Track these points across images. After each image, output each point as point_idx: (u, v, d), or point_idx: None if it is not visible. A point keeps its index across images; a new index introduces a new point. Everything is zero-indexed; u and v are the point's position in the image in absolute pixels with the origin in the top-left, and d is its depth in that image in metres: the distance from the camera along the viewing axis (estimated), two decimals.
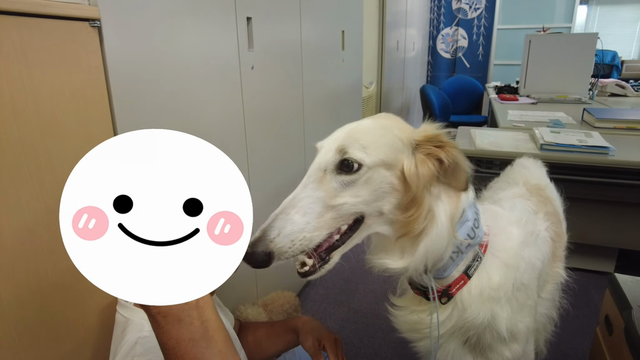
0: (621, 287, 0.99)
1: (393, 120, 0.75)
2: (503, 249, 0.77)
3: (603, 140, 1.91)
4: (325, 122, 2.21)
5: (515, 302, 0.76)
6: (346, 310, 2.06)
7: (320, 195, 0.65)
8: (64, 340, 0.86)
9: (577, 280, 2.20)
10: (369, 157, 0.66)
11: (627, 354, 0.88)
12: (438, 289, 0.74)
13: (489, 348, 0.76)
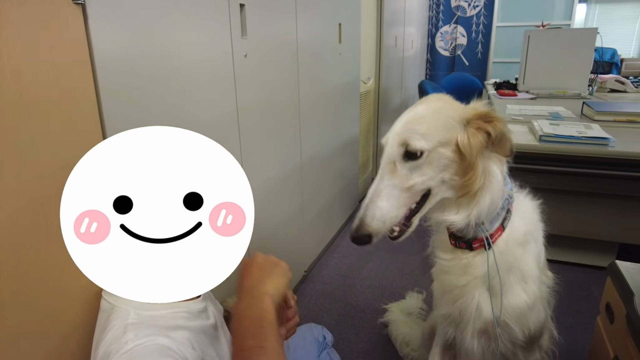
0: (623, 274, 0.96)
1: (446, 102, 0.85)
2: (522, 209, 0.95)
3: (603, 132, 1.88)
4: (320, 115, 2.19)
5: (531, 250, 0.93)
6: (343, 306, 2.03)
7: (395, 183, 0.80)
8: (49, 335, 0.83)
9: (577, 275, 2.20)
10: (428, 142, 0.78)
11: (629, 341, 0.85)
12: (481, 238, 0.89)
13: (510, 290, 0.91)
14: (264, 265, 0.83)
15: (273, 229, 1.79)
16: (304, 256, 2.18)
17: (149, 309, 0.77)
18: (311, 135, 2.08)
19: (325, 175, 2.32)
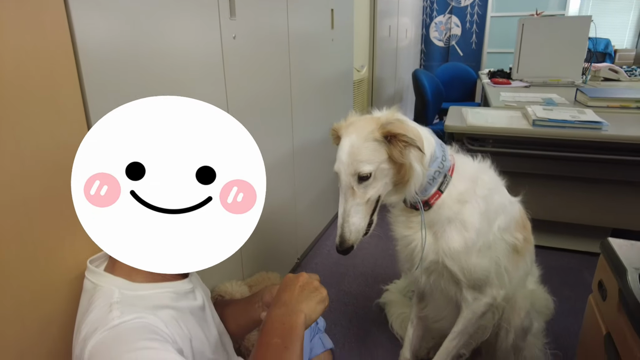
0: (615, 251, 0.95)
1: (364, 124, 1.03)
2: (465, 170, 1.13)
3: (596, 116, 1.87)
4: (313, 102, 2.16)
5: (475, 206, 1.10)
6: (335, 292, 2.02)
7: (358, 201, 1.02)
8: (30, 319, 0.80)
9: (570, 261, 2.19)
10: (372, 165, 1.00)
11: (621, 317, 0.84)
12: (423, 200, 1.10)
13: (448, 236, 1.11)
14: (306, 287, 0.84)
15: (266, 216, 1.75)
16: (296, 244, 2.17)
17: (134, 289, 0.75)
18: (303, 123, 2.05)
19: (318, 163, 2.30)
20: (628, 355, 0.80)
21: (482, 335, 1.31)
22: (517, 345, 1.36)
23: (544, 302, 1.44)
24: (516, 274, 1.25)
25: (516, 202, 1.25)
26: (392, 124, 0.99)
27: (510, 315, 1.33)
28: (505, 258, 1.21)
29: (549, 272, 1.47)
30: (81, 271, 0.80)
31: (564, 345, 1.64)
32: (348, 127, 1.05)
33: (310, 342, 1.46)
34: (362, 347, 1.70)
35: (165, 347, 0.65)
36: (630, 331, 0.79)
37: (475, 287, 1.16)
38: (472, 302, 1.18)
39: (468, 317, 1.20)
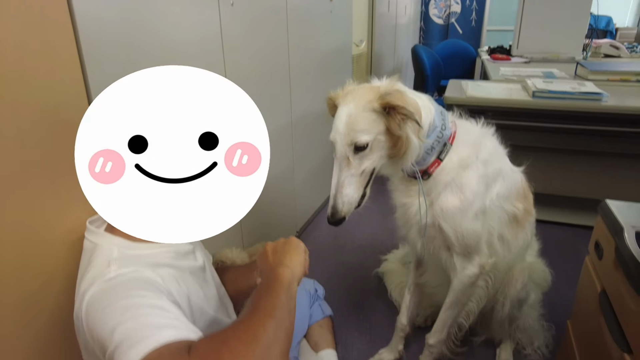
0: (613, 211, 0.96)
1: (363, 93, 1.00)
2: (467, 136, 1.11)
3: (596, 88, 1.87)
4: (311, 75, 2.14)
5: (474, 171, 1.09)
6: (334, 264, 2.04)
7: (352, 172, 1.00)
8: (32, 277, 0.81)
9: (564, 234, 2.22)
10: (369, 135, 0.98)
11: (617, 274, 0.85)
12: (421, 170, 1.09)
13: (444, 198, 1.10)
14: (276, 248, 0.83)
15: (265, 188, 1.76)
16: (296, 217, 2.18)
17: (133, 248, 0.75)
18: (302, 96, 2.04)
19: (316, 137, 2.29)
20: (623, 309, 0.81)
21: (478, 304, 1.32)
22: (513, 315, 1.39)
23: (542, 275, 1.46)
24: (515, 244, 1.26)
25: (518, 172, 1.24)
26: (392, 95, 0.97)
27: (507, 286, 1.34)
28: (505, 227, 1.21)
29: (544, 244, 1.49)
30: (81, 233, 0.81)
31: (557, 315, 1.66)
32: (346, 95, 1.03)
33: (310, 309, 1.48)
34: (360, 314, 1.73)
35: (159, 296, 0.66)
36: (625, 286, 0.81)
37: (465, 255, 1.16)
38: (460, 272, 1.18)
39: (458, 287, 1.21)
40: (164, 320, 0.59)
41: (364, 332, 1.64)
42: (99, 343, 0.60)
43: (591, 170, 2.07)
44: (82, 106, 0.86)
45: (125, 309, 0.60)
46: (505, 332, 1.47)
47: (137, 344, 0.54)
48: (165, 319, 0.60)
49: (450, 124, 1.10)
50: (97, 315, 0.62)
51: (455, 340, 1.37)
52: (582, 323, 1.04)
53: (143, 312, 0.60)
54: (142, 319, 0.58)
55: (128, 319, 0.58)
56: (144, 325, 0.57)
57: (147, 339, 0.54)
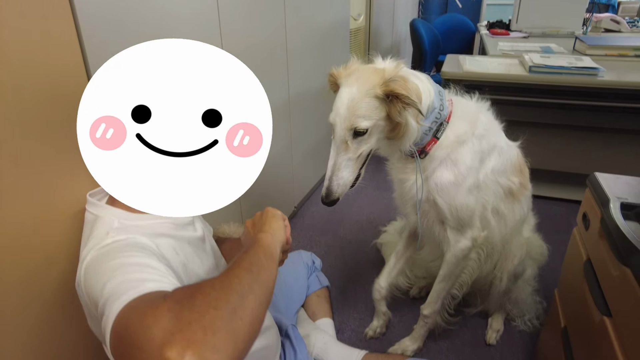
0: (601, 183, 0.98)
1: (367, 76, 1.00)
2: (463, 112, 1.13)
3: (593, 63, 1.87)
4: (309, 52, 2.13)
5: (469, 147, 1.11)
6: (331, 238, 2.08)
7: (349, 156, 1.02)
8: (37, 250, 0.83)
9: (558, 209, 2.25)
10: (370, 121, 0.99)
11: (602, 244, 0.89)
12: (419, 149, 1.11)
13: (439, 173, 1.12)
14: (255, 221, 0.84)
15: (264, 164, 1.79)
16: (294, 192, 2.21)
17: (134, 219, 0.77)
18: (299, 72, 2.03)
19: (314, 113, 2.30)
20: (605, 275, 0.85)
21: (471, 276, 1.36)
22: (508, 288, 1.43)
23: (539, 250, 1.49)
24: (512, 218, 1.28)
25: (514, 146, 1.25)
26: (396, 83, 0.96)
27: (505, 261, 1.38)
28: (500, 201, 1.23)
29: (538, 218, 1.52)
30: (83, 206, 0.82)
31: (548, 285, 1.72)
32: (349, 76, 1.02)
33: (307, 280, 1.53)
34: (357, 284, 1.78)
35: (149, 256, 0.67)
36: (608, 254, 0.84)
37: (458, 228, 1.19)
38: (454, 245, 1.21)
39: (451, 260, 1.24)
40: (149, 276, 0.60)
41: (360, 301, 1.69)
42: (93, 303, 0.61)
43: (586, 145, 2.10)
44: (81, 80, 0.87)
45: (115, 268, 0.62)
46: (499, 304, 1.52)
47: (122, 295, 0.55)
48: (151, 275, 0.61)
49: (447, 102, 1.11)
50: (92, 278, 0.64)
51: (448, 310, 1.42)
52: (567, 291, 1.08)
53: (131, 269, 0.61)
54: (129, 275, 0.60)
55: (117, 275, 0.60)
56: (129, 280, 0.58)
57: (131, 290, 0.56)
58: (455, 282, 1.34)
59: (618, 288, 0.78)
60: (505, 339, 1.52)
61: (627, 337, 0.72)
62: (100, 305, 0.58)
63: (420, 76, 1.06)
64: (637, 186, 0.97)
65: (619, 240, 0.79)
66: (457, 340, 1.52)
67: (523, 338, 1.52)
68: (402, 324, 1.58)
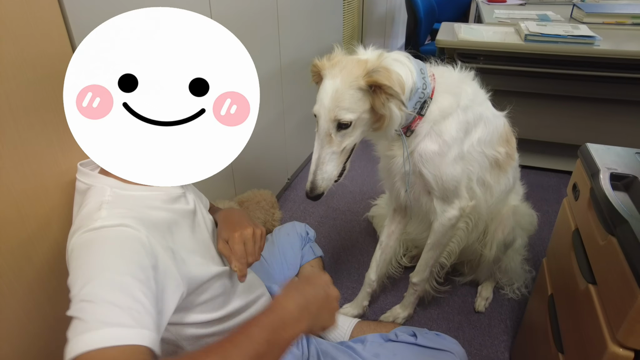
0: (592, 154, 0.99)
1: (351, 69, 0.98)
2: (447, 85, 1.10)
3: (590, 31, 1.84)
4: (300, 19, 2.07)
5: (454, 119, 1.10)
6: (325, 209, 2.09)
7: (334, 149, 1.02)
8: (29, 220, 0.82)
9: (549, 180, 2.27)
10: (354, 113, 0.99)
11: (590, 214, 0.90)
12: (404, 129, 1.11)
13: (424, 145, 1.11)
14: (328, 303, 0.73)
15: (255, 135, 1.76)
16: (287, 164, 2.20)
17: (126, 189, 0.76)
18: (291, 40, 1.98)
19: (307, 83, 2.25)
20: (592, 245, 0.86)
21: (459, 245, 1.38)
22: (498, 257, 1.45)
23: (529, 219, 1.50)
24: (498, 188, 1.29)
25: (501, 116, 1.24)
26: (379, 73, 0.95)
27: (495, 231, 1.39)
28: (486, 172, 1.23)
29: (529, 190, 1.53)
30: (74, 176, 0.81)
31: (537, 254, 1.76)
32: (333, 67, 1.00)
33: (301, 251, 1.54)
34: (350, 254, 1.81)
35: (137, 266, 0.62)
36: (596, 224, 0.85)
37: (444, 199, 1.20)
38: (441, 215, 1.22)
39: (438, 229, 1.25)
40: (125, 317, 0.55)
41: (353, 270, 1.72)
42: (70, 286, 0.59)
43: (579, 116, 2.09)
44: (66, 52, 0.84)
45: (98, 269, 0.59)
46: (489, 273, 1.54)
47: (88, 331, 0.52)
48: (127, 315, 0.55)
49: (429, 78, 1.09)
50: (74, 263, 0.62)
51: (438, 278, 1.45)
52: (555, 260, 1.10)
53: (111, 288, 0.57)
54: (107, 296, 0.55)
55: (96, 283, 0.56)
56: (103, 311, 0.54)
57: (101, 329, 0.52)
58: (443, 251, 1.36)
59: (604, 257, 0.79)
60: (494, 306, 1.57)
61: (611, 304, 0.74)
62: (72, 303, 0.55)
63: (402, 59, 1.04)
64: (628, 157, 0.97)
65: (607, 209, 0.80)
66: (447, 307, 1.56)
67: (511, 306, 1.57)
68: (394, 292, 1.62)
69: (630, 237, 0.70)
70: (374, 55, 1.04)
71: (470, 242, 1.41)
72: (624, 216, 0.75)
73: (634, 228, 0.71)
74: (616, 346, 0.68)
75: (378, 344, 1.11)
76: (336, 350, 1.08)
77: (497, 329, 1.47)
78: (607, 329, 0.72)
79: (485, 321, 1.51)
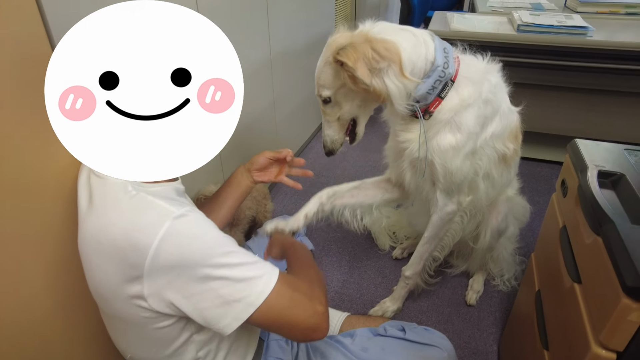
0: (580, 150, 0.98)
1: (329, 45, 1.02)
2: (471, 73, 1.08)
3: (583, 22, 1.82)
4: (291, 6, 2.03)
5: (472, 111, 1.08)
6: None
7: (328, 119, 1.14)
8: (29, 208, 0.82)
9: (541, 170, 2.28)
10: (329, 90, 1.07)
11: (577, 211, 0.89)
12: (422, 109, 1.08)
13: (441, 136, 1.10)
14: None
15: (244, 126, 1.75)
16: None
17: (143, 185, 0.77)
18: (281, 28, 1.95)
19: (297, 73, 2.23)
20: (578, 243, 0.86)
21: (453, 238, 1.39)
22: (491, 244, 1.46)
23: (522, 210, 1.50)
24: (500, 181, 1.29)
25: (515, 112, 1.23)
26: (344, 51, 0.96)
27: (489, 218, 1.39)
28: (493, 165, 1.22)
29: (521, 179, 1.53)
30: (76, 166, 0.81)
31: (529, 244, 1.77)
32: (326, 44, 1.04)
33: None
34: (340, 247, 1.81)
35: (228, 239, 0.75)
36: (582, 222, 0.85)
37: (447, 192, 1.19)
38: (441, 208, 1.22)
39: (437, 222, 1.25)
40: (260, 262, 0.76)
41: (344, 263, 1.73)
42: (185, 265, 0.68)
43: (571, 107, 2.08)
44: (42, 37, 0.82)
45: (224, 240, 0.73)
46: (481, 262, 1.55)
47: (261, 277, 0.72)
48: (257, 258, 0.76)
49: (454, 60, 1.06)
50: (189, 243, 0.69)
51: (429, 271, 1.45)
52: (543, 255, 1.11)
53: (241, 251, 0.74)
54: (249, 257, 0.74)
55: (233, 249, 0.73)
56: (256, 262, 0.74)
57: (266, 275, 0.73)
58: (438, 245, 1.36)
59: (590, 256, 0.79)
60: (484, 298, 1.58)
61: (594, 304, 0.74)
62: (212, 264, 0.69)
63: (414, 31, 1.02)
64: (617, 153, 0.96)
65: (593, 208, 0.79)
66: (437, 300, 1.57)
67: (501, 297, 1.58)
68: (384, 285, 1.62)
69: (616, 238, 0.70)
70: (365, 27, 1.03)
71: (465, 234, 1.41)
72: (610, 216, 0.75)
73: (619, 228, 0.71)
74: (599, 347, 0.69)
75: (367, 338, 1.11)
76: (325, 345, 1.08)
77: (486, 322, 1.49)
78: (591, 329, 0.72)
79: (474, 313, 1.52)
